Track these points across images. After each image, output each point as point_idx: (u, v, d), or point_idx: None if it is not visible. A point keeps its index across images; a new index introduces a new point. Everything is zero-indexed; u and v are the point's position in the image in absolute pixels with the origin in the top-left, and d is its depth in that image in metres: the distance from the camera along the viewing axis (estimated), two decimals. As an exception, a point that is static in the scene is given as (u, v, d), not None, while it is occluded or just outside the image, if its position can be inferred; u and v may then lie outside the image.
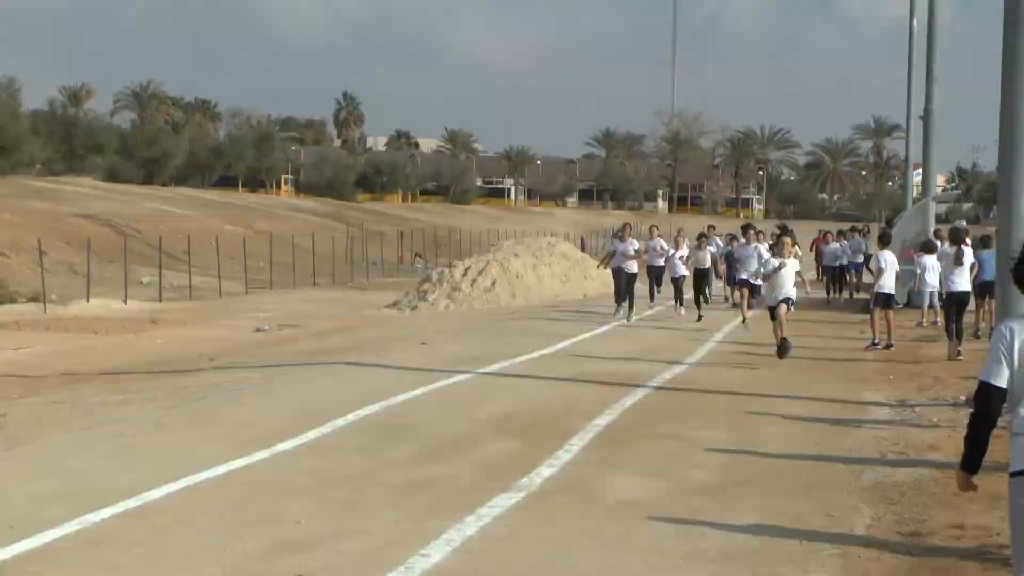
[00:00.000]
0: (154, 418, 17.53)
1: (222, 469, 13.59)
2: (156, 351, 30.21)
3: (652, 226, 42.32)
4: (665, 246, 36.32)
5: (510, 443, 15.05)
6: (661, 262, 36.47)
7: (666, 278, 36.49)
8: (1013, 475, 6.81)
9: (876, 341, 26.69)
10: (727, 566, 10.14)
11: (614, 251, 33.28)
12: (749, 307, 29.79)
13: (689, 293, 35.30)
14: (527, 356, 24.30)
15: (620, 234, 34.06)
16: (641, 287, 34.76)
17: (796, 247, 39.40)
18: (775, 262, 26.46)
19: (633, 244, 33.50)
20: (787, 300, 23.91)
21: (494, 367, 22.55)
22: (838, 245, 44.80)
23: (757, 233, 33.31)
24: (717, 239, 42.62)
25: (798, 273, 25.39)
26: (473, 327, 32.29)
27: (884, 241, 29.91)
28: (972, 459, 7.02)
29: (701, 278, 36.04)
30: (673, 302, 36.38)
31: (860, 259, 45.25)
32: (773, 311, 24.44)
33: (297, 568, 9.79)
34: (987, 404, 6.80)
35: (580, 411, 17.66)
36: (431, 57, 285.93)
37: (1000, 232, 17.63)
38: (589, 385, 20.41)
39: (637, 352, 25.14)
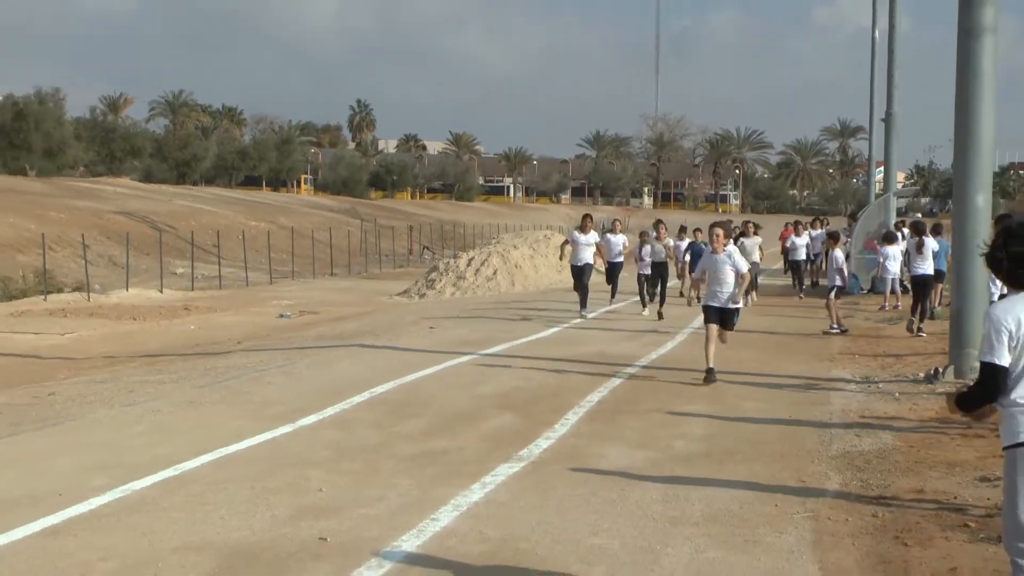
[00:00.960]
0: (188, 396, 17.56)
1: (250, 442, 13.63)
2: (189, 335, 30.24)
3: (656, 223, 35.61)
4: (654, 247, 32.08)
5: (510, 418, 15.07)
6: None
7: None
8: (1009, 447, 6.90)
9: (833, 326, 26.43)
10: (709, 528, 10.16)
11: (574, 242, 29.58)
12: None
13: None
14: (525, 339, 24.31)
15: (581, 226, 30.18)
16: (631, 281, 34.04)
17: (755, 239, 37.88)
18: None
19: (594, 236, 30.26)
20: (734, 316, 18.70)
21: (495, 349, 22.56)
22: (808, 237, 41.71)
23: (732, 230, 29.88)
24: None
25: (741, 275, 19.25)
26: (476, 313, 32.25)
27: (835, 239, 29.89)
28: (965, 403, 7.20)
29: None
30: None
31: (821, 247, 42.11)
32: (720, 321, 18.54)
33: (319, 531, 9.81)
34: (995, 382, 6.81)
35: (574, 389, 17.66)
36: (437, 67, 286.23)
37: (955, 224, 17.73)
38: (582, 365, 20.41)
39: (623, 336, 25.11)
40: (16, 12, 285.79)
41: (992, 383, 6.85)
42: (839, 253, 27.96)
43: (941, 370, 18.11)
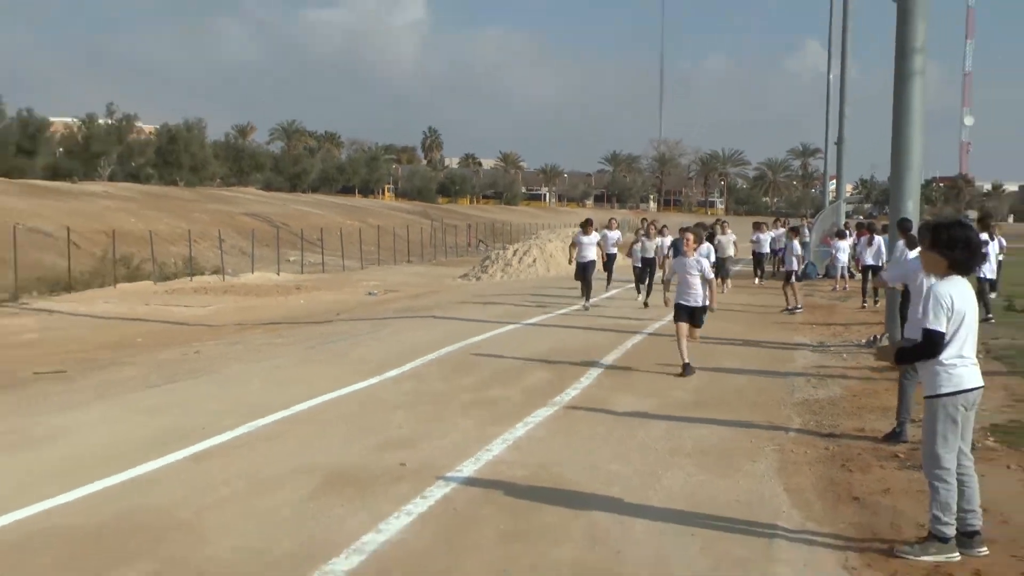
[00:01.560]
0: (300, 355, 17.69)
1: (347, 390, 13.72)
2: (299, 308, 30.29)
3: (644, 219, 36.61)
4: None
5: (547, 373, 15.10)
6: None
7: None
8: (929, 398, 7.13)
9: (788, 306, 25.90)
10: (699, 458, 10.23)
11: (579, 243, 26.57)
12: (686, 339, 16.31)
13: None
14: (558, 312, 24.31)
15: (584, 230, 27.07)
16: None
17: (729, 235, 34.70)
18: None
19: (595, 237, 27.57)
20: (702, 315, 15.80)
21: (535, 320, 22.58)
22: (772, 234, 39.09)
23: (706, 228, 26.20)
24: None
25: (708, 280, 16.41)
26: (519, 292, 32.22)
27: (795, 232, 29.68)
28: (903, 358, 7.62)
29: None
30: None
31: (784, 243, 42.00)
32: (690, 319, 15.71)
33: (400, 459, 9.91)
34: (936, 346, 6.96)
35: (596, 350, 17.70)
36: (490, 100, 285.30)
37: (891, 224, 17.87)
38: (602, 332, 20.43)
39: (634, 311, 25.10)
40: (172, 58, 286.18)
41: (932, 346, 6.98)
42: (797, 244, 27.86)
43: (879, 336, 18.11)
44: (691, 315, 15.50)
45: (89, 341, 20.36)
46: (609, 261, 30.62)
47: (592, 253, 26.51)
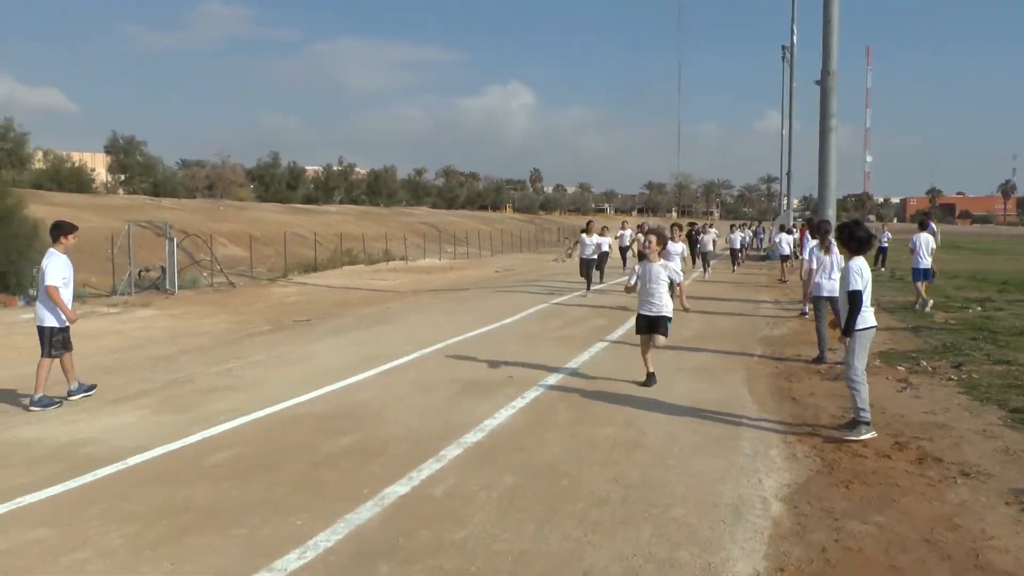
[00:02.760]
0: (451, 309, 17.77)
1: (480, 330, 13.75)
2: (452, 281, 30.46)
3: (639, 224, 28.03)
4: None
5: (604, 320, 14.98)
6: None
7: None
8: (860, 330, 6.99)
9: (782, 278, 24.83)
10: (696, 372, 10.11)
11: (581, 242, 21.39)
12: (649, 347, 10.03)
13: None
14: (612, 282, 24.10)
15: (586, 229, 21.52)
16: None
17: (712, 232, 30.80)
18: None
19: (596, 238, 21.67)
20: (666, 324, 9.76)
21: (600, 285, 22.43)
22: (741, 234, 35.39)
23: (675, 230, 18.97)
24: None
25: (676, 284, 10.99)
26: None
27: (784, 229, 29.12)
28: (848, 327, 6.99)
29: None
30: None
31: (749, 238, 40.06)
32: (650, 329, 9.69)
33: (509, 373, 9.91)
34: (860, 301, 6.89)
35: (634, 306, 17.58)
36: (571, 149, 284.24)
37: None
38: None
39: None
40: (374, 130, 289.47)
41: (858, 302, 6.89)
42: (786, 236, 27.60)
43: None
44: (652, 325, 9.49)
45: (325, 301, 20.65)
46: (601, 260, 23.18)
47: (589, 252, 21.22)
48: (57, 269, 8.65)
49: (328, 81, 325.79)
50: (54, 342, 8.68)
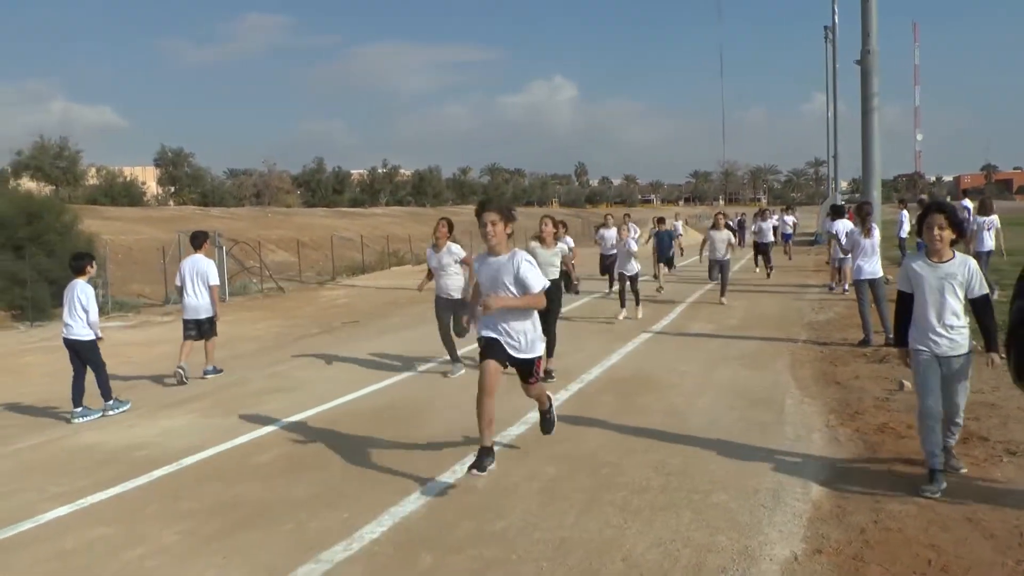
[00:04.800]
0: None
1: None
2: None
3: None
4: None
5: (648, 310, 14.95)
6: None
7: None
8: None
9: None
10: (740, 360, 10.11)
11: (601, 237, 19.47)
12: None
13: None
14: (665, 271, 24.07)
15: (604, 223, 19.92)
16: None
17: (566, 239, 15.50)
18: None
19: (613, 231, 18.62)
20: (530, 370, 6.18)
21: (644, 277, 22.36)
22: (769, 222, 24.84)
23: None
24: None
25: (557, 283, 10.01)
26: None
27: (838, 214, 28.45)
28: (898, 338, 5.56)
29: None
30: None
31: (789, 229, 31.93)
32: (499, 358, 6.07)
33: (553, 366, 9.92)
34: (902, 302, 5.48)
35: (678, 294, 17.57)
36: (615, 140, 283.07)
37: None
38: (687, 285, 20.18)
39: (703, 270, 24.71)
40: (419, 131, 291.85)
41: (901, 302, 5.53)
42: (841, 225, 26.55)
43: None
44: (512, 361, 6.16)
45: (373, 302, 20.88)
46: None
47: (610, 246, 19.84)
48: (216, 270, 10.83)
49: (370, 85, 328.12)
50: (214, 326, 10.83)
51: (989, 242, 14.73)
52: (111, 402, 8.89)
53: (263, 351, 13.02)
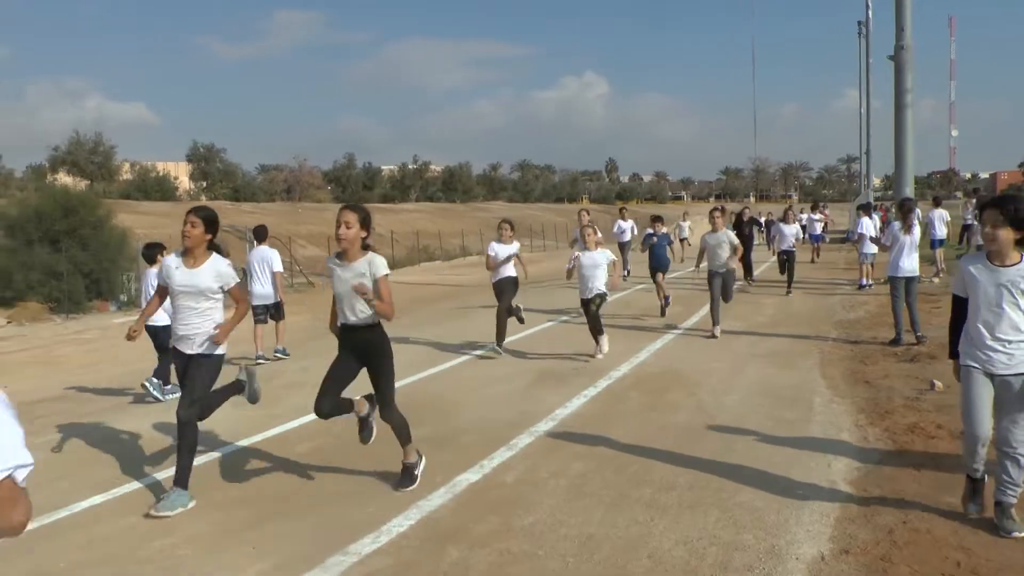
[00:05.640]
0: (522, 302, 17.89)
1: (554, 322, 13.79)
2: (528, 273, 30.59)
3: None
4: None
5: (679, 307, 14.89)
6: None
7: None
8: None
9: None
10: (769, 358, 10.07)
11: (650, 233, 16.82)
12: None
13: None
14: (688, 269, 23.89)
15: (622, 216, 21.94)
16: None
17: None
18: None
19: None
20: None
21: (675, 274, 22.24)
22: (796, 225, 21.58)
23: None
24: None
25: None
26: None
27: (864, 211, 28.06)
28: (951, 348, 4.92)
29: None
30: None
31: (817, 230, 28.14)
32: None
33: (578, 366, 9.98)
34: (957, 307, 4.85)
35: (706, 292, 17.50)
36: (647, 137, 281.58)
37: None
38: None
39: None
40: (449, 128, 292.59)
41: (956, 307, 4.88)
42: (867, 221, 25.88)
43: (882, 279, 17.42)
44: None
45: (403, 297, 20.93)
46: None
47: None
48: (279, 259, 11.80)
49: (401, 81, 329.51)
50: (281, 310, 11.80)
51: None
52: (169, 386, 9.28)
53: (294, 345, 13.12)
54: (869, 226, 17.32)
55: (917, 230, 10.98)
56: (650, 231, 15.91)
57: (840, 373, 9.04)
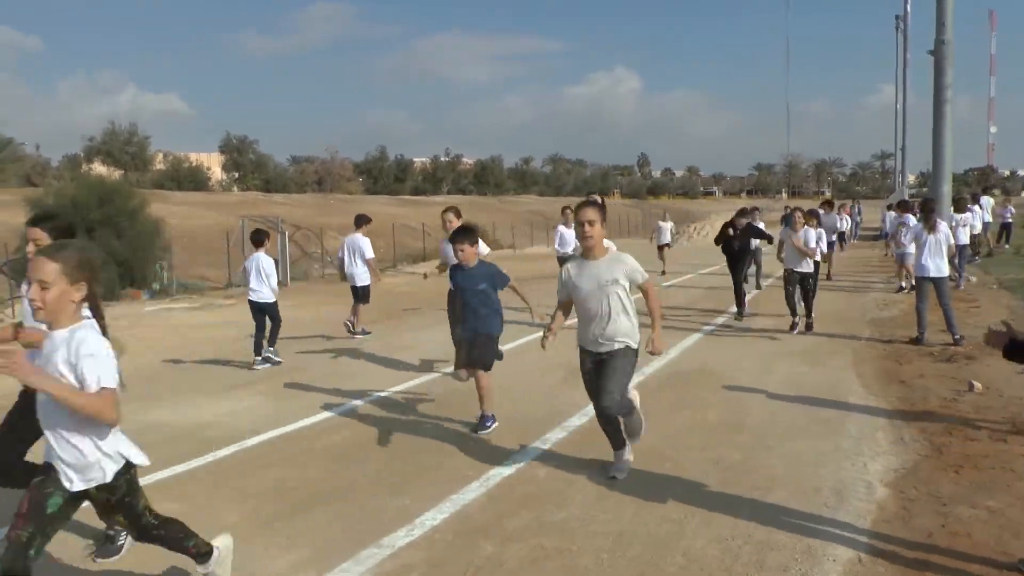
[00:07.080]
0: (552, 295, 17.89)
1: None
2: (557, 268, 30.53)
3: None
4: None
5: (709, 304, 14.85)
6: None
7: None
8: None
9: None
10: (802, 356, 9.99)
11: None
12: None
13: None
14: (714, 267, 23.76)
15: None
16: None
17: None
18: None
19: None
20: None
21: (705, 271, 22.17)
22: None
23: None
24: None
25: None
26: (701, 252, 31.63)
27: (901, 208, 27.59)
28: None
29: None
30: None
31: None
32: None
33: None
34: None
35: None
36: (678, 132, 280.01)
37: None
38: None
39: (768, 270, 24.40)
40: (478, 123, 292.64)
41: None
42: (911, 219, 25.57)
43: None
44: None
45: (434, 290, 20.95)
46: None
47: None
48: (370, 246, 12.88)
49: (433, 74, 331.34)
50: (366, 294, 12.96)
51: (964, 237, 16.65)
52: (273, 349, 10.66)
53: (326, 336, 13.22)
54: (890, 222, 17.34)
55: (944, 228, 10.72)
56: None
57: (873, 372, 8.94)
